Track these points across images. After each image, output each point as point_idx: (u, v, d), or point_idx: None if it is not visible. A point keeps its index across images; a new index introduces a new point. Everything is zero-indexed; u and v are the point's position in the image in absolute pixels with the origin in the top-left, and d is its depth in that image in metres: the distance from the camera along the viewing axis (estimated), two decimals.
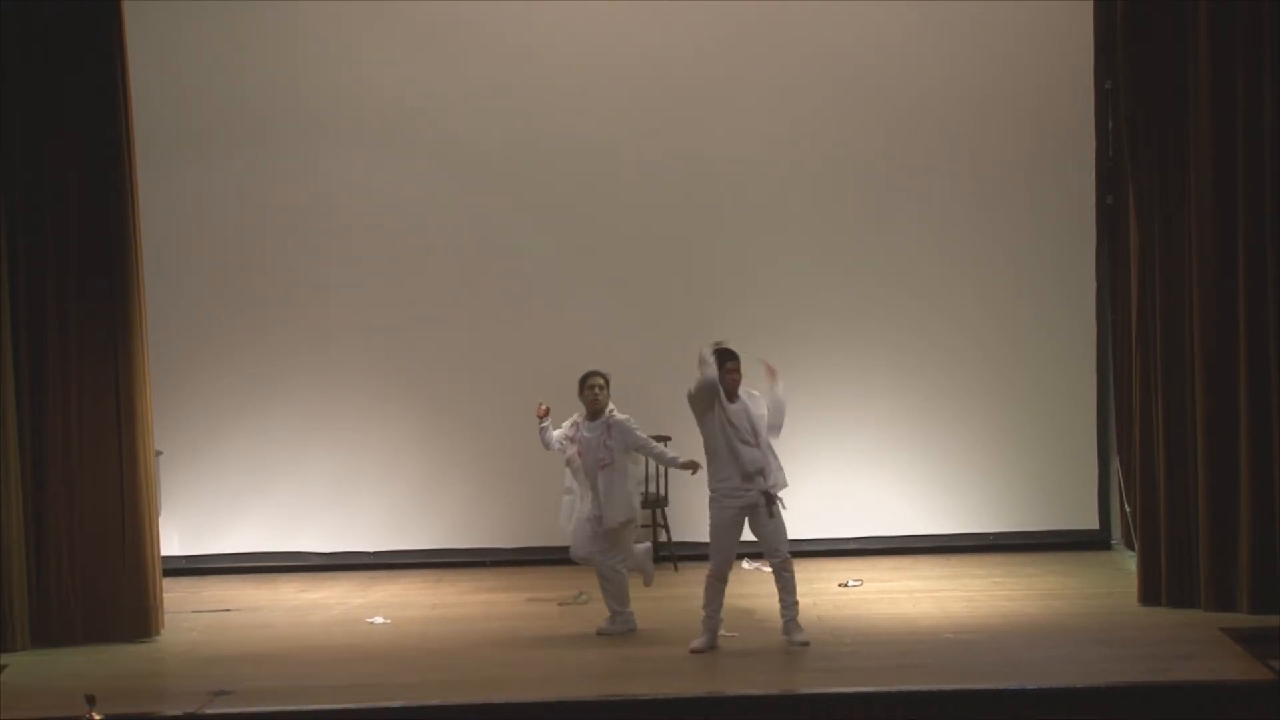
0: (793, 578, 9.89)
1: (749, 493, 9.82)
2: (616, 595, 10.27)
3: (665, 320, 12.17)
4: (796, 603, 9.90)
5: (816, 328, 12.25)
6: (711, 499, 9.91)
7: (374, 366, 12.27)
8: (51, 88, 10.24)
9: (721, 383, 9.81)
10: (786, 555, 9.90)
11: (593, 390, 10.15)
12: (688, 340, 10.41)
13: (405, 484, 12.22)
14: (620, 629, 10.23)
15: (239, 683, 9.26)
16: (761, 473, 9.80)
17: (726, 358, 9.86)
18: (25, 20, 10.19)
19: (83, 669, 9.71)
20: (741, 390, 9.90)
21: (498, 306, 12.29)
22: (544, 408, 10.13)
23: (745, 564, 11.58)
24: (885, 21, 12.16)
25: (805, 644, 9.80)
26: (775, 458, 9.93)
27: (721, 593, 9.95)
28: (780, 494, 9.90)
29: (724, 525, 9.89)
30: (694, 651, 9.81)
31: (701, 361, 9.76)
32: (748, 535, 10.06)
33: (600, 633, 10.20)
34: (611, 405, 10.17)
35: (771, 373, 9.90)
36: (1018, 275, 12.29)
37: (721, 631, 10.00)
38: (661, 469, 11.98)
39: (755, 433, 9.83)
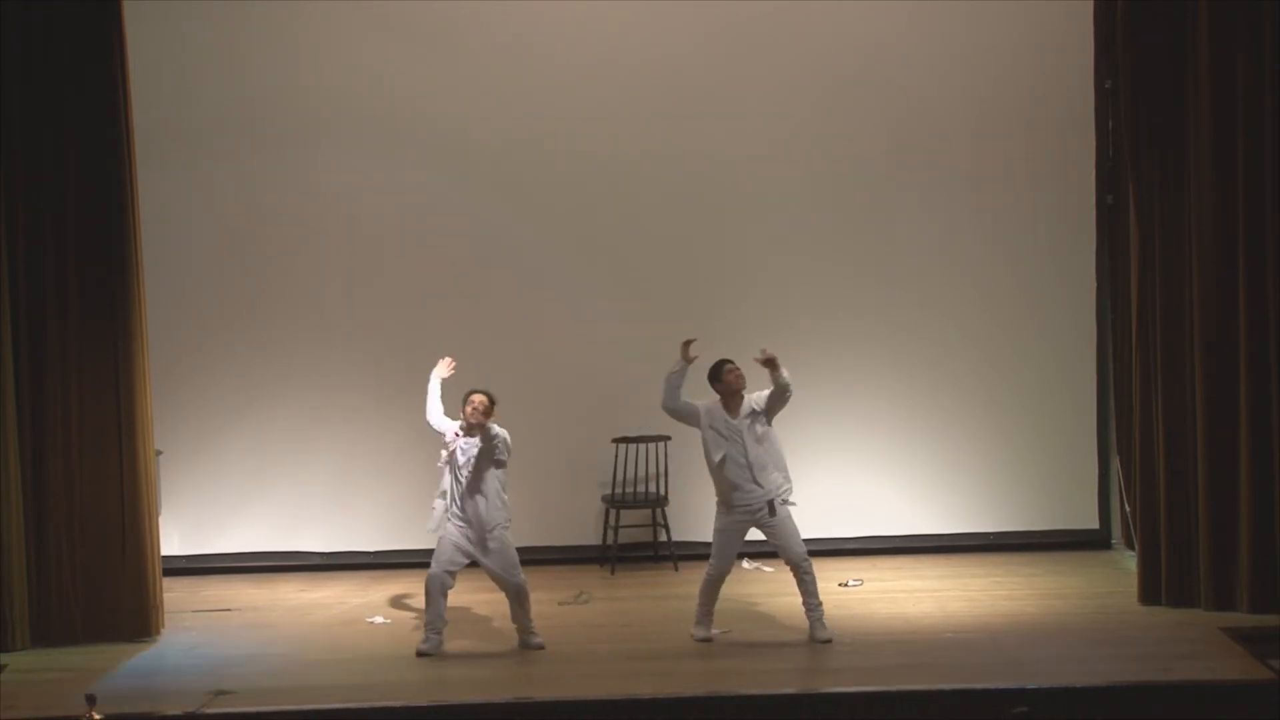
0: (813, 580, 9.92)
1: (753, 501, 9.85)
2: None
3: (666, 321, 12.12)
4: (820, 604, 9.93)
5: (816, 327, 12.24)
6: (718, 503, 9.96)
7: (374, 367, 12.27)
8: (51, 87, 10.24)
9: (726, 386, 9.89)
10: (802, 558, 9.92)
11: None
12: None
13: (405, 484, 12.19)
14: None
15: (239, 683, 9.26)
16: (759, 485, 9.84)
17: (724, 363, 9.93)
18: (25, 20, 10.19)
19: (83, 669, 9.72)
20: (747, 402, 9.93)
21: (498, 306, 12.29)
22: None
23: (745, 564, 11.59)
24: (885, 22, 12.16)
25: (827, 641, 9.85)
26: (781, 468, 9.95)
27: (717, 592, 10.01)
28: (789, 500, 9.96)
29: (727, 531, 9.96)
30: (701, 640, 9.93)
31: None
32: (751, 535, 10.09)
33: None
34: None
35: (770, 360, 9.90)
36: (1018, 275, 12.29)
37: (714, 630, 10.04)
38: (663, 470, 12.00)
39: (747, 452, 9.86)
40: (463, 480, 9.89)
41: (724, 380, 9.96)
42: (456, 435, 10.00)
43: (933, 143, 12.23)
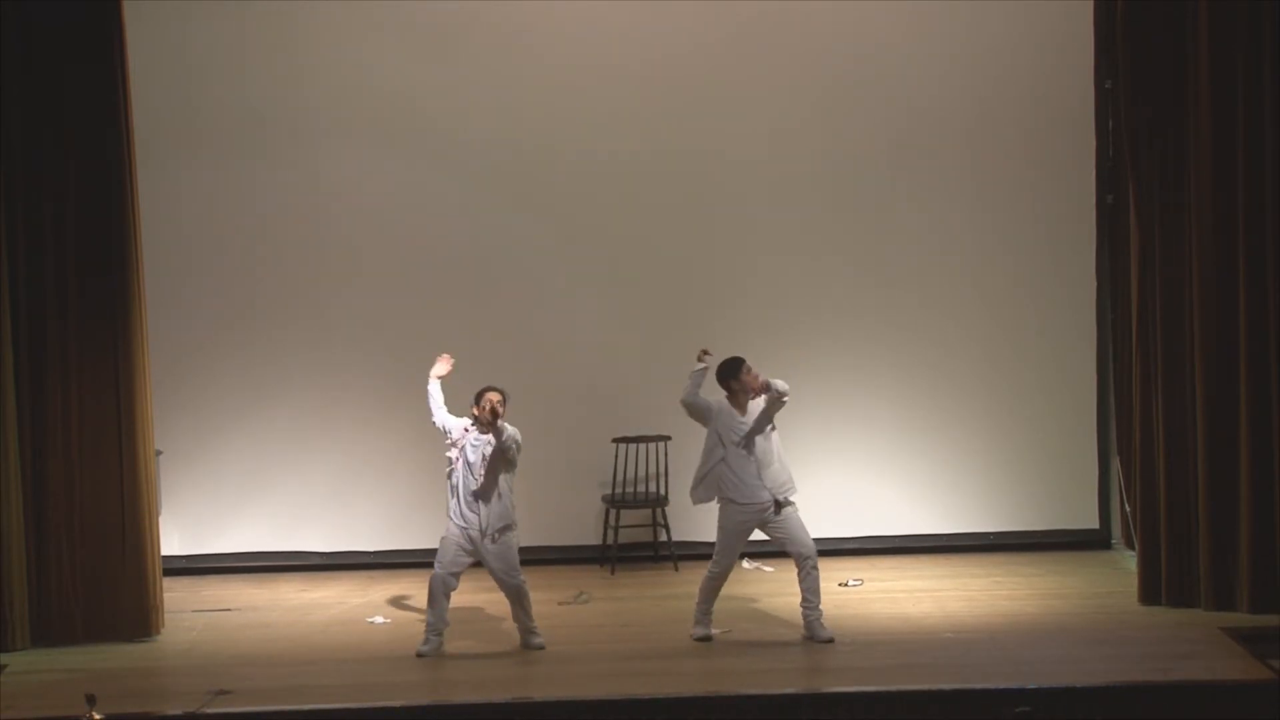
0: (817, 577, 9.92)
1: (758, 499, 9.86)
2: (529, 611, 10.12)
3: (667, 321, 12.16)
4: (819, 603, 9.94)
5: (817, 328, 12.24)
6: (721, 501, 9.97)
7: (374, 366, 12.26)
8: (51, 88, 10.24)
9: (742, 385, 9.92)
10: (811, 551, 9.92)
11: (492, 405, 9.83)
12: (689, 342, 10.43)
13: (405, 484, 12.21)
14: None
15: (239, 683, 9.27)
16: (764, 483, 9.85)
17: (742, 362, 9.94)
18: (25, 20, 10.19)
19: (83, 669, 9.72)
20: (754, 402, 9.94)
21: (498, 305, 12.28)
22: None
23: (745, 564, 11.58)
24: (885, 22, 12.16)
25: (829, 641, 9.85)
26: (784, 466, 9.97)
27: (717, 591, 10.02)
28: (790, 498, 9.97)
29: (731, 530, 9.97)
30: (699, 640, 9.93)
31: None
32: (754, 535, 10.10)
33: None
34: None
35: (764, 387, 9.91)
36: (1018, 275, 12.29)
37: (713, 630, 10.04)
38: (663, 470, 12.00)
39: (750, 447, 9.88)
40: (474, 479, 9.88)
41: (742, 380, 9.97)
42: (466, 431, 10.00)
43: (933, 143, 12.23)
